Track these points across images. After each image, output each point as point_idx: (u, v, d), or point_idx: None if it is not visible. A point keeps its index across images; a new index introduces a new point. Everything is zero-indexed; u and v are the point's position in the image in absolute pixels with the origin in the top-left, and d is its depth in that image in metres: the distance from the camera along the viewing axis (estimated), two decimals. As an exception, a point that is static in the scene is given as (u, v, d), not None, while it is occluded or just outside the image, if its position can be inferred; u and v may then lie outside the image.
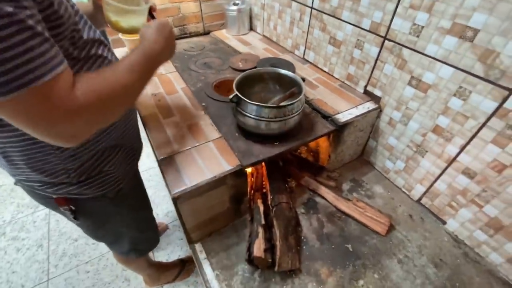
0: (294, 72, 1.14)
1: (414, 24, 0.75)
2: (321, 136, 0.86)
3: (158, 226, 1.59)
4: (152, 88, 1.05)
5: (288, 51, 1.31)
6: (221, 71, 1.18)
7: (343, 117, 0.89)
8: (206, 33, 1.54)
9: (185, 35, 1.48)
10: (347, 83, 1.05)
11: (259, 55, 1.26)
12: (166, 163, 0.74)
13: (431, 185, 0.87)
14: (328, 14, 1.01)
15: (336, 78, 1.09)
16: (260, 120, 0.77)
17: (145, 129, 0.87)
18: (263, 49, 1.35)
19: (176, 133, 0.84)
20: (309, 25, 1.12)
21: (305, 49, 1.20)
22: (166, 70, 1.17)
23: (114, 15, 0.66)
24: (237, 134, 0.85)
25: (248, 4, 1.45)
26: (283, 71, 0.88)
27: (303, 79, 0.85)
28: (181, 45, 1.41)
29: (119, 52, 1.29)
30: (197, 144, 0.80)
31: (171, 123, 0.88)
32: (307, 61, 1.22)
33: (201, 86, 1.08)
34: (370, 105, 0.94)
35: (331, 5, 0.98)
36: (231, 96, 0.77)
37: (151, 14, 0.72)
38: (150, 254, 1.53)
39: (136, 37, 1.11)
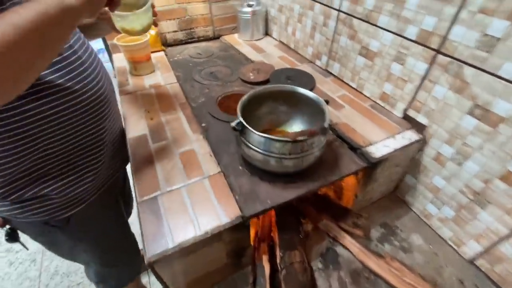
0: (314, 86, 0.96)
1: (485, 35, 0.55)
2: (348, 175, 0.67)
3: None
4: (146, 103, 0.90)
5: (308, 61, 1.13)
6: (229, 83, 1.02)
7: (377, 151, 0.70)
8: (216, 37, 1.38)
9: (192, 40, 1.33)
10: (381, 104, 0.85)
11: (273, 65, 1.08)
12: (146, 208, 0.58)
13: (493, 246, 0.66)
14: (360, 19, 0.82)
15: (367, 97, 0.89)
16: (270, 156, 0.59)
17: (131, 157, 0.71)
18: (278, 58, 1.17)
19: (165, 164, 0.68)
20: (334, 31, 0.93)
21: (328, 60, 1.01)
22: (166, 80, 1.02)
23: (128, 24, 0.65)
24: (240, 167, 0.68)
25: (264, 6, 1.28)
26: (301, 91, 0.70)
27: (327, 101, 0.66)
28: (188, 50, 1.26)
29: (117, 58, 1.15)
30: (189, 181, 0.64)
31: (162, 149, 0.72)
32: (330, 73, 1.03)
33: (204, 102, 0.91)
34: (411, 135, 0.74)
35: (365, 8, 0.79)
36: (233, 124, 0.60)
37: None
38: (145, 279, 1.39)
39: (136, 40, 0.97)
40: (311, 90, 0.93)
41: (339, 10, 0.88)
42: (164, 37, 1.26)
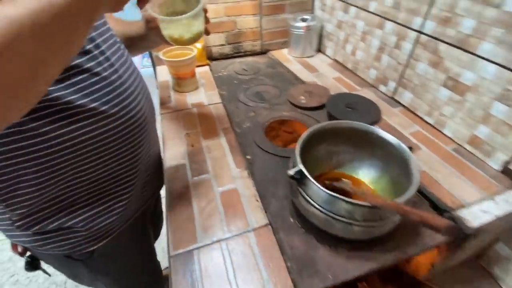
0: (379, 118, 0.81)
1: None
2: (432, 247, 0.52)
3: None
4: (187, 124, 0.82)
5: (369, 85, 0.98)
6: (276, 106, 0.91)
7: (472, 217, 0.53)
8: (263, 52, 1.28)
9: (238, 54, 1.25)
10: (468, 149, 0.69)
11: (329, 88, 0.95)
12: (180, 266, 0.48)
13: None
14: (450, 44, 0.66)
15: (449, 137, 0.73)
16: (335, 218, 0.46)
17: (166, 192, 0.62)
18: (334, 79, 1.04)
19: (205, 205, 0.58)
20: (410, 55, 0.78)
21: (397, 87, 0.86)
22: (209, 99, 0.94)
23: (175, 31, 0.56)
24: (291, 219, 0.56)
25: (319, 21, 1.16)
26: (381, 133, 0.56)
27: (410, 148, 0.52)
28: (233, 65, 1.18)
29: (161, 71, 1.10)
30: (230, 234, 0.53)
31: (201, 185, 0.63)
32: (398, 103, 0.87)
33: (249, 127, 0.81)
34: (518, 198, 0.57)
35: (459, 31, 0.64)
36: (292, 172, 0.48)
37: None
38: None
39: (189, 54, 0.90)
40: (375, 122, 0.80)
41: (419, 32, 0.74)
42: (210, 51, 1.19)
